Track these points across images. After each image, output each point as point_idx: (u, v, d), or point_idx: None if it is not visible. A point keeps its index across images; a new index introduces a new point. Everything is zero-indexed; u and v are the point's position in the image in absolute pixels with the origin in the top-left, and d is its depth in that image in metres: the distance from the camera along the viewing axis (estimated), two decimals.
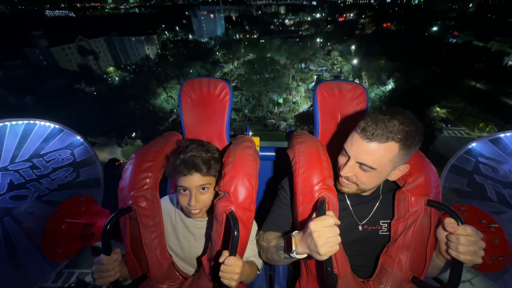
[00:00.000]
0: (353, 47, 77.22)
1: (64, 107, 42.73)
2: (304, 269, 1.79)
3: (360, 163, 1.50)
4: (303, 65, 70.27)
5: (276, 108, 55.09)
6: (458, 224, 1.37)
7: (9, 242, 2.10)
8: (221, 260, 1.49)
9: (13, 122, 2.24)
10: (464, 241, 1.32)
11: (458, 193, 2.39)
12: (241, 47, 76.90)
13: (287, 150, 2.00)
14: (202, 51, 69.59)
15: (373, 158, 1.43)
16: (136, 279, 1.76)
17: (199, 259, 1.98)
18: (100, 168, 2.82)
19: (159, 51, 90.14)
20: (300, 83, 61.59)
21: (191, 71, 56.79)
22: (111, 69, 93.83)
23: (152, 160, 1.87)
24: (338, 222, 1.37)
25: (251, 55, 71.58)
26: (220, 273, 1.48)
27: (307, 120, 46.64)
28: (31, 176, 2.32)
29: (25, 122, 2.31)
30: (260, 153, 2.74)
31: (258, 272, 1.98)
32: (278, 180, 2.10)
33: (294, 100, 58.07)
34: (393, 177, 1.64)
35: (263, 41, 77.17)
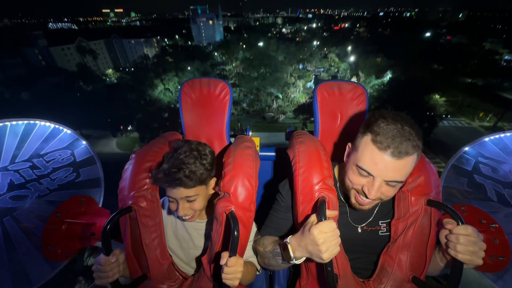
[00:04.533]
0: (349, 48, 77.70)
1: (60, 102, 42.52)
2: (304, 269, 1.79)
3: (389, 181, 1.41)
4: (300, 66, 70.24)
5: (274, 102, 55.05)
6: (458, 224, 1.37)
7: (9, 242, 2.09)
8: (222, 262, 1.48)
9: (13, 122, 2.23)
10: (464, 241, 1.32)
11: (458, 193, 2.39)
12: (239, 49, 76.39)
13: (287, 150, 1.99)
14: (201, 53, 68.91)
15: (402, 172, 1.37)
16: (136, 279, 1.76)
17: (199, 259, 1.98)
18: (100, 168, 2.81)
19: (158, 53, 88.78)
20: (298, 80, 61.53)
21: (189, 68, 56.55)
22: (110, 71, 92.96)
23: (152, 160, 1.87)
24: (336, 214, 1.41)
25: (249, 55, 70.19)
26: (223, 275, 1.48)
27: (305, 111, 47.00)
28: (31, 176, 2.31)
29: (25, 122, 2.31)
30: (260, 153, 2.74)
31: (257, 273, 1.98)
32: (278, 180, 2.09)
33: (292, 95, 58.28)
34: None
35: (261, 44, 76.47)
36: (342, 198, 1.81)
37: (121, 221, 1.81)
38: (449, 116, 52.06)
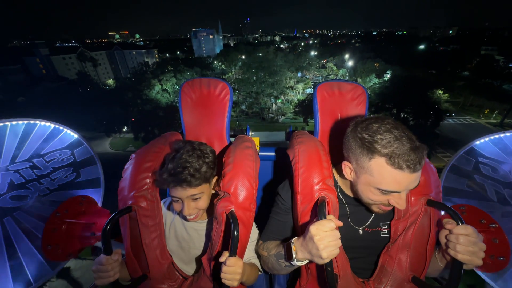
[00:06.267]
0: (346, 56, 78.50)
1: (55, 105, 42.46)
2: (304, 269, 1.79)
3: (411, 188, 1.44)
4: (299, 74, 70.11)
5: (274, 105, 55.38)
6: (458, 224, 1.37)
7: (9, 242, 2.09)
8: (221, 259, 1.49)
9: (13, 122, 2.23)
10: (463, 241, 1.33)
11: (458, 193, 2.39)
12: (238, 57, 75.86)
13: (287, 150, 2.00)
14: (201, 63, 68.35)
15: (419, 178, 1.40)
16: (136, 279, 1.76)
17: (199, 259, 1.98)
18: (100, 168, 2.80)
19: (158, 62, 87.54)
20: (297, 84, 61.71)
21: (188, 73, 56.71)
22: (110, 81, 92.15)
23: (152, 160, 1.86)
24: (340, 224, 1.37)
25: (248, 61, 69.52)
26: (222, 274, 1.48)
27: (306, 109, 46.98)
28: (31, 176, 2.31)
29: (26, 122, 2.31)
30: (260, 153, 2.74)
31: (259, 273, 1.98)
32: (278, 180, 2.09)
33: (291, 99, 58.55)
34: None
35: (259, 54, 75.18)
36: (342, 198, 1.81)
37: (121, 221, 1.80)
38: (453, 114, 52.72)
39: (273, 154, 2.82)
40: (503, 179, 2.20)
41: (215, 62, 78.91)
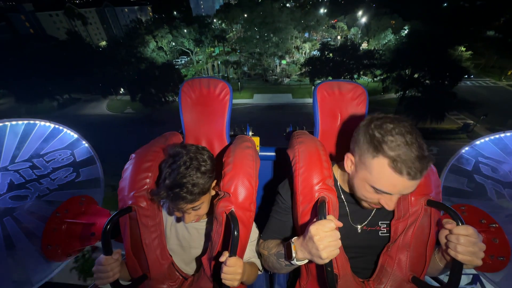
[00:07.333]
0: (360, 13, 70.91)
1: (47, 66, 41.64)
2: (304, 269, 1.79)
3: (405, 194, 1.45)
4: (306, 35, 65.84)
5: (278, 66, 52.89)
6: (458, 224, 1.37)
7: (9, 242, 2.08)
8: (221, 259, 1.49)
9: (13, 122, 2.23)
10: (464, 241, 1.32)
11: (458, 193, 2.38)
12: (239, 14, 67.16)
13: (287, 150, 1.99)
14: (200, 22, 61.80)
15: (416, 185, 1.37)
16: (136, 279, 1.77)
17: (199, 259, 1.98)
18: (100, 168, 2.79)
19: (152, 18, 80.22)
20: (303, 45, 58.59)
21: (185, 30, 53.85)
22: (103, 43, 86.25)
23: (152, 160, 1.86)
24: (340, 224, 1.37)
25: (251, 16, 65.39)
26: (222, 274, 1.48)
27: (314, 67, 44.86)
28: (31, 176, 2.30)
29: (25, 122, 2.30)
30: (260, 153, 2.74)
31: (259, 272, 1.98)
32: (278, 180, 2.08)
33: (297, 59, 56.20)
34: None
35: (262, 12, 70.18)
36: (342, 198, 1.80)
37: (121, 221, 1.81)
38: (471, 76, 49.94)
39: (273, 154, 2.81)
40: (503, 179, 2.19)
41: (215, 20, 74.46)
